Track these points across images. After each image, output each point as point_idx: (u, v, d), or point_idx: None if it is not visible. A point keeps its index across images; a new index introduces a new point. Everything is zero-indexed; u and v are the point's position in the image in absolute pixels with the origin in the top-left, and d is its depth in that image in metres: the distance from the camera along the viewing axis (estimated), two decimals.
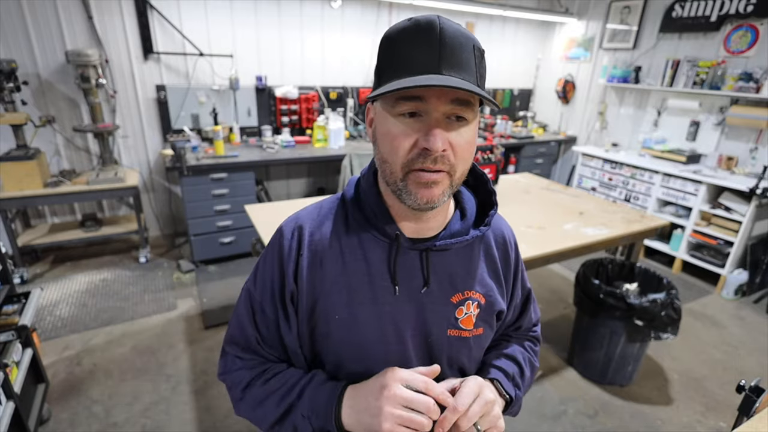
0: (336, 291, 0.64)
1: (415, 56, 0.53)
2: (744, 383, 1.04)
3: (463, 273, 0.67)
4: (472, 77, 0.54)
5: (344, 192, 0.69)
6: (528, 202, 2.50)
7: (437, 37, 0.52)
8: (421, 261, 0.65)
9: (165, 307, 2.69)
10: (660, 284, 2.22)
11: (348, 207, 0.67)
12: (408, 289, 0.65)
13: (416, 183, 0.56)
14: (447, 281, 0.66)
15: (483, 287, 0.69)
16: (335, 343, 0.65)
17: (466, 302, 0.68)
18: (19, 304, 1.73)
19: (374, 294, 0.64)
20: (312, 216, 0.68)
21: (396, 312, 0.64)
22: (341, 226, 0.66)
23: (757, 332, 2.79)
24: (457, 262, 0.67)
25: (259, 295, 0.68)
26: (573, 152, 4.61)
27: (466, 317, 0.68)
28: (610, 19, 4.24)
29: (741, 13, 3.26)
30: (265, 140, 3.51)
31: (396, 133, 0.55)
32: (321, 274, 0.64)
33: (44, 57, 2.87)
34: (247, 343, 0.70)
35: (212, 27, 3.28)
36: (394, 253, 0.64)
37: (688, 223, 3.40)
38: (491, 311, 0.71)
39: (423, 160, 0.54)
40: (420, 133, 0.54)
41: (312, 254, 0.65)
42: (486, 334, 0.72)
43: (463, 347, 0.69)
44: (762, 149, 3.32)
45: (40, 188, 2.68)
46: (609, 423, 2.01)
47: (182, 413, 1.93)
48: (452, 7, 3.94)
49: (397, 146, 0.55)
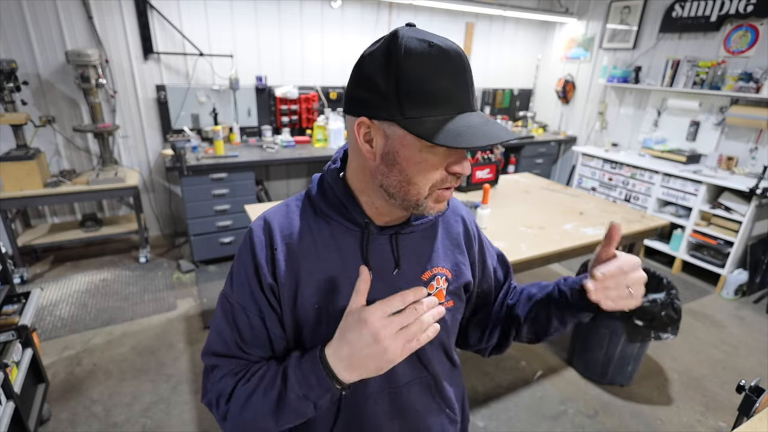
0: (314, 281, 0.66)
1: (451, 90, 0.55)
2: (744, 383, 1.04)
3: (429, 251, 0.73)
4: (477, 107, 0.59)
5: (309, 188, 0.72)
6: (528, 202, 2.50)
7: (464, 68, 0.56)
8: (391, 245, 0.69)
9: (165, 307, 2.69)
10: (660, 284, 2.22)
11: (315, 201, 0.69)
12: (381, 273, 0.68)
13: (437, 200, 0.62)
14: (415, 261, 0.71)
15: (448, 262, 0.75)
16: (316, 331, 0.67)
17: (435, 278, 0.72)
18: (19, 304, 1.73)
19: (350, 281, 0.64)
20: (280, 213, 0.70)
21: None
22: (311, 220, 0.68)
23: (757, 332, 2.79)
24: (422, 242, 0.72)
25: (237, 296, 0.67)
26: (573, 152, 4.61)
27: (437, 292, 0.72)
28: (610, 19, 4.24)
29: (741, 13, 3.27)
30: (265, 140, 3.51)
31: (434, 162, 0.58)
32: (297, 266, 0.66)
33: (44, 57, 2.87)
34: (227, 349, 0.68)
35: (212, 27, 3.29)
36: (365, 240, 0.67)
37: (688, 223, 3.40)
38: (458, 283, 0.75)
39: (451, 180, 0.61)
40: (449, 159, 0.59)
41: (286, 247, 0.66)
42: (456, 306, 0.76)
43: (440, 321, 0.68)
44: (762, 149, 3.32)
45: (40, 188, 2.68)
46: (609, 423, 2.01)
47: (182, 413, 1.93)
48: (452, 7, 3.94)
49: (433, 172, 0.59)
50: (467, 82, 0.56)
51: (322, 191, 0.69)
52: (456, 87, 0.55)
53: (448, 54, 0.54)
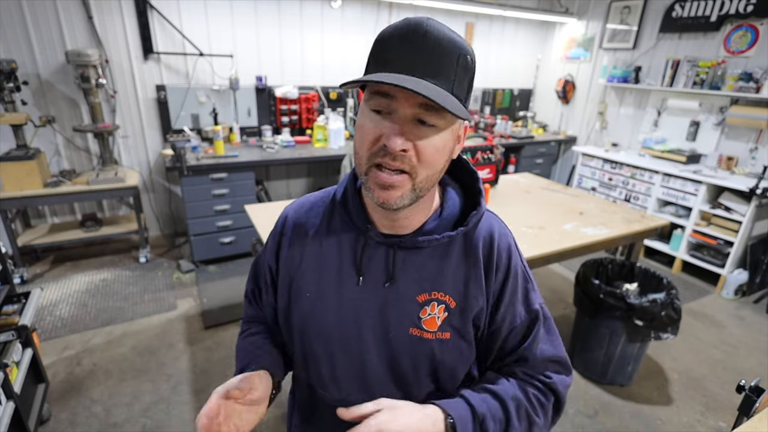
0: (309, 271, 0.69)
1: (395, 55, 0.54)
2: (744, 383, 1.04)
3: (434, 273, 0.66)
4: (446, 85, 0.54)
5: (338, 185, 0.74)
6: (528, 202, 2.50)
7: (420, 38, 0.53)
8: (387, 256, 0.66)
9: (165, 307, 2.69)
10: (660, 284, 2.22)
11: (335, 198, 0.72)
12: (373, 281, 0.66)
13: (375, 182, 0.58)
14: (416, 279, 0.66)
15: (454, 291, 0.66)
16: (303, 318, 0.70)
17: (432, 303, 0.66)
18: (19, 304, 1.73)
19: (340, 280, 0.67)
20: (307, 201, 0.76)
21: (357, 301, 0.66)
22: (327, 215, 0.72)
23: (757, 332, 2.79)
24: (429, 261, 0.66)
25: (262, 258, 0.80)
26: (573, 152, 4.61)
27: (429, 318, 0.66)
28: (610, 19, 4.24)
29: (741, 13, 3.26)
30: (265, 140, 3.51)
31: (366, 126, 0.57)
32: (299, 253, 0.71)
33: (44, 57, 2.87)
34: (252, 294, 0.85)
35: (212, 27, 3.28)
36: (361, 245, 0.66)
37: (688, 223, 3.40)
38: (464, 317, 0.66)
39: (383, 155, 0.55)
40: (386, 130, 0.55)
41: (292, 235, 0.73)
42: (454, 341, 0.66)
43: (425, 349, 0.66)
44: (762, 149, 3.32)
45: (40, 188, 2.68)
46: (609, 423, 2.01)
47: (182, 413, 1.93)
48: (452, 7, 3.94)
49: (365, 139, 0.57)
50: (415, 47, 0.53)
51: (344, 189, 0.71)
52: (401, 51, 0.53)
53: (408, 23, 0.54)
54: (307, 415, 0.79)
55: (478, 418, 0.63)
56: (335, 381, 0.70)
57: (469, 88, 0.58)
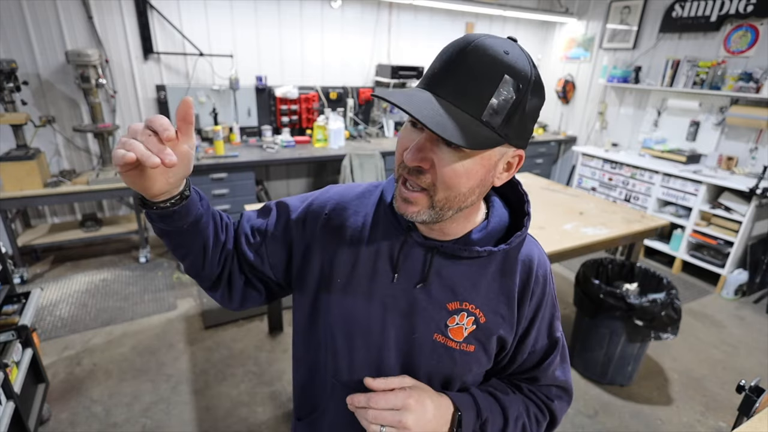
0: (346, 257, 0.68)
1: (433, 70, 0.54)
2: (744, 383, 1.04)
3: (469, 284, 0.66)
4: (477, 110, 0.51)
5: (387, 182, 0.73)
6: None
7: (460, 56, 0.52)
8: (425, 258, 0.66)
9: (165, 307, 2.69)
10: (660, 284, 2.22)
11: (383, 197, 0.71)
12: (406, 281, 0.66)
13: (399, 193, 0.59)
14: (449, 287, 0.65)
15: (486, 306, 0.66)
16: (330, 302, 0.69)
17: (461, 313, 0.66)
18: (19, 304, 1.73)
19: (375, 274, 0.67)
20: (356, 189, 0.75)
21: (387, 297, 0.67)
22: (373, 209, 0.71)
23: (757, 332, 2.79)
24: (466, 272, 0.66)
25: (289, 202, 0.75)
26: (573, 152, 4.61)
27: (456, 327, 0.66)
28: (610, 19, 4.24)
29: (741, 13, 3.27)
30: (265, 140, 3.51)
31: (401, 136, 0.59)
32: (335, 239, 0.69)
33: (44, 57, 2.87)
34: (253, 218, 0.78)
35: (212, 27, 3.28)
36: (400, 243, 0.66)
37: (688, 223, 3.40)
38: (489, 333, 0.67)
39: (404, 167, 0.57)
40: (410, 143, 0.55)
41: (334, 218, 0.71)
42: (477, 355, 0.67)
43: (447, 357, 0.67)
44: (762, 149, 3.32)
45: (40, 188, 2.68)
46: (609, 423, 2.01)
47: (182, 413, 1.93)
48: (452, 7, 3.94)
49: (398, 150, 0.59)
50: (449, 65, 0.52)
51: None
52: (437, 66, 0.54)
53: (459, 40, 0.54)
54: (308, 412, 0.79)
55: (480, 418, 0.67)
56: (351, 369, 0.70)
57: (516, 115, 0.53)
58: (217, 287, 0.74)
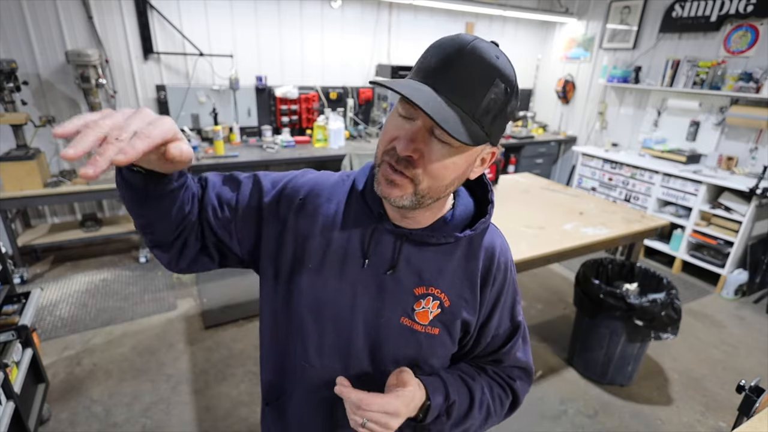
0: (318, 242, 0.70)
1: (431, 66, 0.55)
2: (744, 383, 1.04)
3: (435, 270, 0.69)
4: (471, 108, 0.54)
5: (359, 172, 0.75)
6: (528, 202, 2.50)
7: (459, 57, 0.54)
8: (394, 245, 0.68)
9: (165, 307, 2.69)
10: (660, 284, 2.22)
11: (355, 185, 0.73)
12: (376, 267, 0.69)
13: (382, 174, 0.60)
14: (416, 272, 0.69)
15: (451, 290, 0.70)
16: (301, 286, 0.70)
17: (427, 297, 0.69)
18: (19, 304, 1.73)
19: (345, 260, 0.69)
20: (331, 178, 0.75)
21: (357, 283, 0.69)
22: (345, 196, 0.72)
23: (757, 332, 2.79)
24: (433, 258, 0.69)
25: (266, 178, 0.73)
26: (573, 152, 4.61)
27: (422, 311, 0.69)
28: (610, 19, 4.24)
29: (741, 13, 3.27)
30: (265, 140, 3.51)
31: (388, 125, 0.60)
32: (313, 222, 0.70)
33: (44, 57, 2.87)
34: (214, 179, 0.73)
35: (212, 27, 3.28)
36: (371, 230, 0.68)
37: (688, 223, 3.40)
38: (453, 317, 0.70)
39: (392, 155, 0.58)
40: (401, 133, 0.57)
41: (309, 203, 0.71)
42: (442, 338, 0.71)
43: (413, 341, 0.70)
44: (762, 149, 3.32)
45: (40, 188, 2.68)
46: (609, 423, 2.01)
47: (182, 413, 1.93)
48: (452, 7, 3.94)
49: (384, 137, 0.60)
50: (447, 63, 0.54)
51: (366, 178, 0.72)
52: (435, 63, 0.55)
53: (455, 38, 0.55)
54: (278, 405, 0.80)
55: (448, 401, 0.70)
56: (320, 352, 0.71)
57: (500, 116, 0.57)
58: (167, 250, 0.69)
